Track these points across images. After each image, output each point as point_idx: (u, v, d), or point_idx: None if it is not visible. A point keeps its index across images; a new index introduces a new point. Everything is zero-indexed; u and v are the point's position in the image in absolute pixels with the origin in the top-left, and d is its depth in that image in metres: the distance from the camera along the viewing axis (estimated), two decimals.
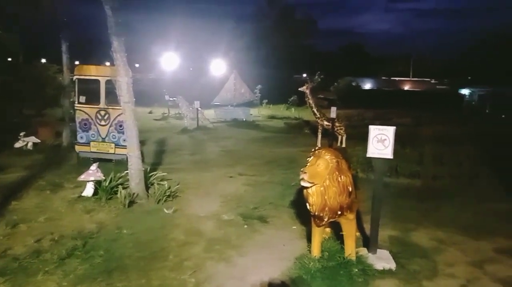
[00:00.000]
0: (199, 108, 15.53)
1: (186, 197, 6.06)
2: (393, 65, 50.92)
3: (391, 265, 3.73)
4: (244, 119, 19.25)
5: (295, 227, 4.88)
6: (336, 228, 4.01)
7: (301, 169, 3.32)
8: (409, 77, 49.09)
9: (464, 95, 38.15)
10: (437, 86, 45.78)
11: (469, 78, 42.62)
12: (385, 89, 41.66)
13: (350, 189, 3.43)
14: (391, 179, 7.40)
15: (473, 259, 4.05)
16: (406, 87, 46.03)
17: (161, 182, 6.15)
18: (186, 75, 28.55)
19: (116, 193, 5.59)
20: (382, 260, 3.79)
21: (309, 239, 4.03)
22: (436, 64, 50.92)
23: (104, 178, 5.87)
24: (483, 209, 5.78)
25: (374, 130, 3.76)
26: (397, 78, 48.37)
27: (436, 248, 4.34)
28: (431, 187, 7.09)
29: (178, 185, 6.23)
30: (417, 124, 18.03)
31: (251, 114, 20.81)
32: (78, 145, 8.05)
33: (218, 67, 26.19)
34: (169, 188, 5.89)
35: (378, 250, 3.95)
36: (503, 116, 24.96)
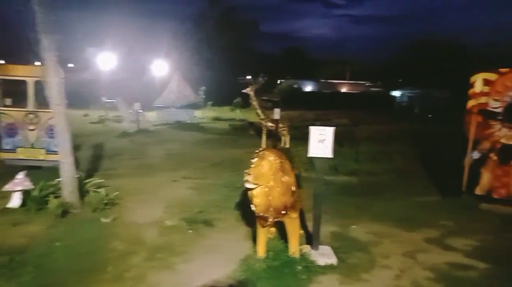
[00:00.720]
0: (140, 110, 14.96)
1: (126, 204, 5.78)
2: (331, 68, 53.28)
3: (333, 260, 3.88)
4: (188, 121, 18.93)
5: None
6: (281, 228, 4.07)
7: (245, 171, 3.32)
8: (346, 80, 51.76)
9: (395, 96, 41.12)
10: (371, 89, 48.79)
11: (399, 80, 45.98)
12: (324, 91, 43.52)
13: (294, 189, 3.51)
14: (331, 177, 7.71)
15: (406, 250, 4.35)
16: (344, 89, 48.49)
17: (98, 190, 5.81)
18: (125, 75, 27.36)
19: (47, 203, 5.16)
20: (324, 255, 3.93)
21: (254, 240, 4.05)
22: (370, 67, 54.17)
23: (33, 187, 5.40)
24: (414, 202, 6.25)
25: (315, 131, 3.88)
26: (335, 81, 50.75)
27: (372, 241, 4.59)
28: (367, 183, 7.52)
29: (117, 192, 5.93)
30: (354, 124, 19.06)
31: (195, 116, 20.53)
32: (3, 152, 7.34)
33: (160, 68, 25.46)
34: (106, 195, 5.58)
35: (320, 246, 4.09)
36: (429, 115, 27.26)
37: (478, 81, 5.96)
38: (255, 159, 3.42)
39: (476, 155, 6.04)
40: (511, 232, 4.88)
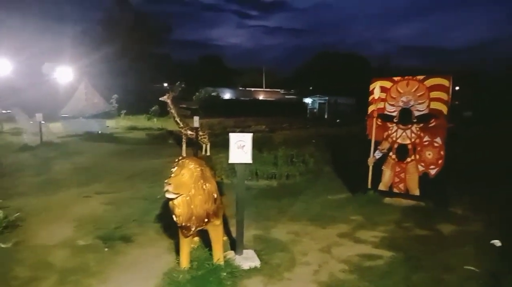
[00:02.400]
0: (43, 121, 13.54)
1: (30, 226, 5.18)
2: (248, 76, 54.78)
3: (256, 263, 3.97)
4: (99, 132, 17.71)
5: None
6: (204, 236, 4.04)
7: (165, 181, 3.24)
8: (262, 88, 53.59)
9: (308, 103, 43.83)
10: (286, 96, 51.29)
11: (310, 88, 49.17)
12: (243, 99, 44.51)
13: (215, 196, 3.52)
14: (252, 182, 7.90)
15: (322, 246, 4.64)
16: (261, 97, 50.14)
17: None
18: (24, 83, 24.57)
19: None
20: (248, 259, 4.00)
21: (178, 251, 3.95)
22: (284, 75, 56.94)
23: None
24: (327, 201, 6.71)
25: (234, 137, 3.95)
26: (252, 89, 52.24)
27: (292, 240, 4.81)
28: (286, 185, 7.86)
29: (18, 213, 5.28)
30: (271, 130, 19.83)
31: (108, 126, 19.34)
32: None
33: (65, 74, 23.43)
34: (5, 217, 4.94)
35: (244, 251, 4.15)
36: (338, 120, 29.61)
37: (376, 88, 6.67)
38: (175, 168, 3.36)
39: (378, 154, 6.74)
40: (409, 222, 5.51)
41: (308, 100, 44.98)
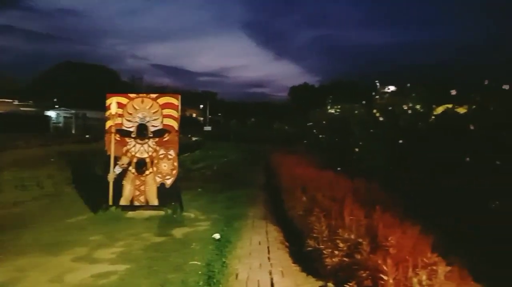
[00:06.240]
0: None
1: None
2: None
3: None
4: None
5: None
6: None
7: None
8: None
9: (51, 117, 38.83)
10: (22, 108, 43.49)
11: (55, 100, 43.79)
12: None
13: None
14: None
15: (53, 275, 4.19)
16: None
17: None
18: None
19: None
20: None
21: None
22: (19, 84, 48.33)
23: None
24: (65, 225, 6.17)
25: None
26: None
27: (15, 278, 4.12)
28: (13, 215, 6.68)
29: None
30: None
31: None
32: None
33: None
34: None
35: None
36: (87, 136, 27.71)
37: (113, 104, 6.73)
38: None
39: (118, 170, 6.77)
40: (148, 232, 5.80)
41: (51, 114, 39.87)
